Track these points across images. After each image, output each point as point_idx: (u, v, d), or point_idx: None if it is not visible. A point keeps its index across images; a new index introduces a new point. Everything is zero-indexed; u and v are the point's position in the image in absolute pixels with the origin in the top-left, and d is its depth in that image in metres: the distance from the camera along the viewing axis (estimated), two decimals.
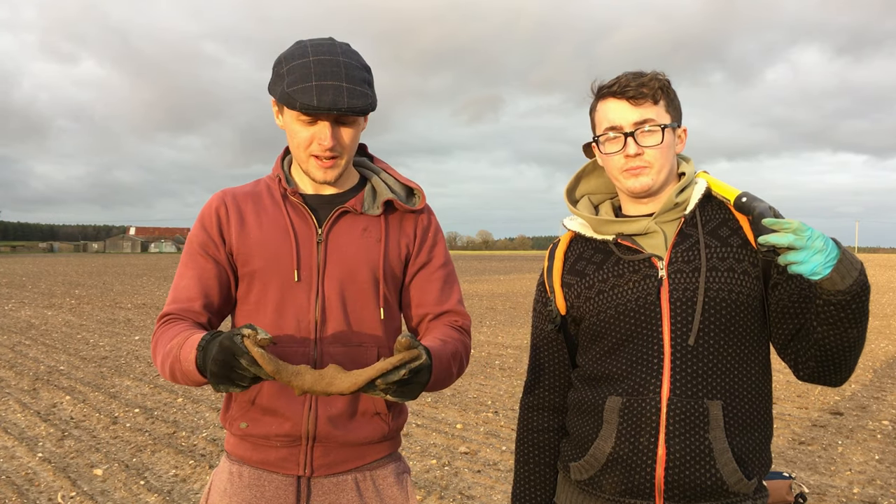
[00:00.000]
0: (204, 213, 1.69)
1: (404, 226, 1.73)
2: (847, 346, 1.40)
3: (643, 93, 1.51)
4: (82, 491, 4.41)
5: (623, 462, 1.48)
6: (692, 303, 1.47)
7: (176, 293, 1.65)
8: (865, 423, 6.18)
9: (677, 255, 1.50)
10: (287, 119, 1.61)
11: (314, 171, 1.62)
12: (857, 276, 1.31)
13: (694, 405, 1.45)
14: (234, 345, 1.28)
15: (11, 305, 16.90)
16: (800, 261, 1.27)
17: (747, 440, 1.48)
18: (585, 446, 1.55)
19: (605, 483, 1.51)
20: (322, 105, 1.50)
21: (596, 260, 1.60)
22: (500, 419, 6.28)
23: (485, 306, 17.54)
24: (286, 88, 1.52)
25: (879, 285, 27.19)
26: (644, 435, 1.46)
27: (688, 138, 1.63)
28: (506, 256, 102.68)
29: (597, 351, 1.57)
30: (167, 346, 1.52)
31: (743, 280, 1.47)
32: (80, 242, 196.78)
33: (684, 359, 1.46)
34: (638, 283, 1.51)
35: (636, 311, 1.50)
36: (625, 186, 1.55)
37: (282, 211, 1.66)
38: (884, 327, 13.45)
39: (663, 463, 1.45)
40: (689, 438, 1.44)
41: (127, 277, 31.10)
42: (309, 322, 1.61)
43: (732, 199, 1.48)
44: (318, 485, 1.64)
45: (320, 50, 1.56)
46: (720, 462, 1.44)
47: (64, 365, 8.80)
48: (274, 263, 1.61)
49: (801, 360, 1.48)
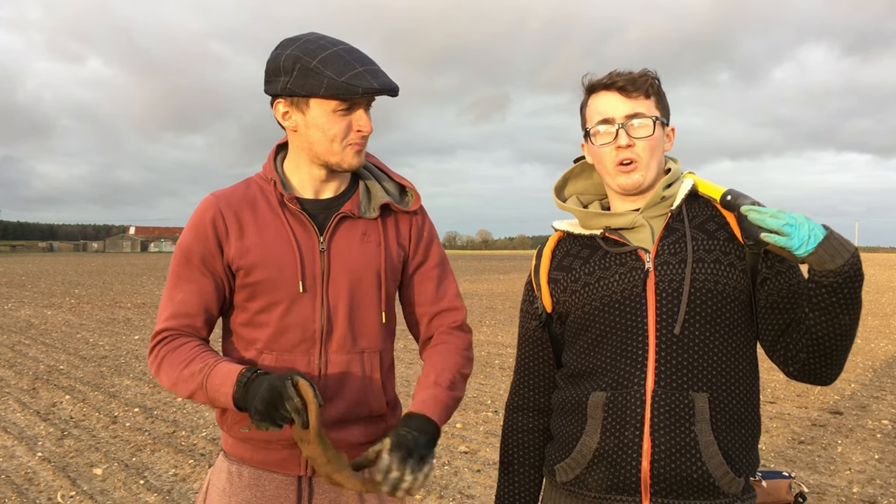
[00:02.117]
0: (197, 222, 1.62)
1: (400, 227, 1.72)
2: (839, 334, 1.40)
3: (635, 86, 1.52)
4: (82, 490, 4.41)
5: (608, 457, 1.47)
6: (678, 293, 1.46)
7: (174, 307, 1.60)
8: (865, 423, 6.18)
9: (664, 247, 1.51)
10: (315, 114, 1.56)
11: (351, 158, 1.60)
12: (848, 257, 1.32)
13: (679, 397, 1.44)
14: (285, 388, 1.37)
15: (11, 305, 16.89)
16: (787, 234, 1.30)
17: (734, 436, 1.47)
18: (570, 445, 1.54)
19: (590, 481, 1.50)
20: (383, 87, 1.54)
21: (583, 255, 1.59)
22: (499, 419, 6.28)
23: (484, 306, 17.53)
24: (338, 78, 1.51)
25: (879, 285, 27.19)
26: (629, 428, 1.45)
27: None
28: (506, 256, 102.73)
29: (581, 345, 1.56)
30: (183, 369, 1.52)
31: (729, 272, 1.48)
32: (79, 242, 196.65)
33: (669, 350, 1.45)
34: (624, 275, 1.51)
35: (621, 302, 1.49)
36: (616, 183, 1.55)
37: (281, 220, 1.62)
38: (884, 327, 13.44)
39: (648, 456, 1.44)
40: (675, 431, 1.43)
41: (127, 277, 31.09)
42: (314, 331, 1.60)
43: (719, 196, 1.51)
44: (319, 484, 1.64)
45: (335, 42, 1.58)
46: (706, 455, 1.43)
47: (63, 364, 8.80)
48: (278, 275, 1.59)
49: (792, 354, 1.47)
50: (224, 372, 1.47)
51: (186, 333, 1.59)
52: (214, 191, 1.68)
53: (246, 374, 1.44)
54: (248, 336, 1.63)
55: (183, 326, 1.59)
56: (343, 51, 1.55)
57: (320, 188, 1.67)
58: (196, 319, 1.60)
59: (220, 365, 1.49)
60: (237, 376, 1.44)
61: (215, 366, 1.49)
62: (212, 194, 1.67)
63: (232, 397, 1.44)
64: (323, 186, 1.67)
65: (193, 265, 1.61)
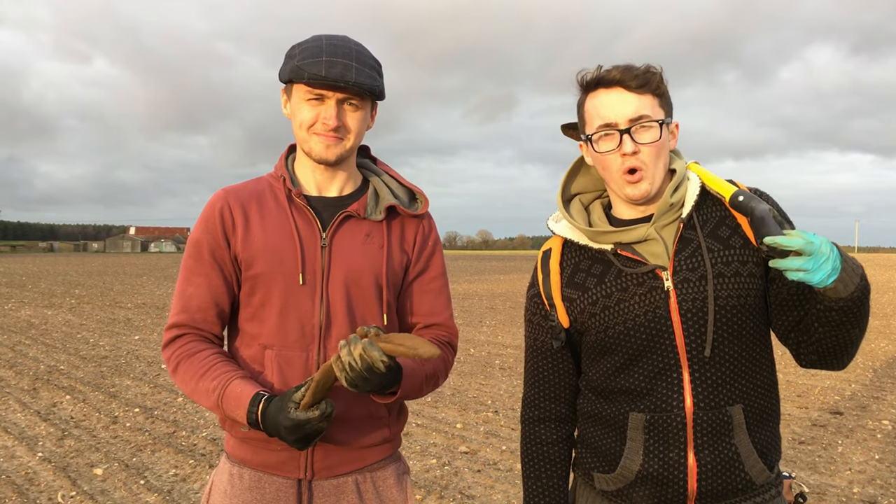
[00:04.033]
0: (207, 215, 1.66)
1: (405, 232, 1.72)
2: (848, 342, 1.40)
3: (638, 82, 1.45)
4: (82, 490, 4.41)
5: (654, 478, 1.47)
6: (703, 312, 1.43)
7: (185, 301, 1.64)
8: (865, 423, 6.18)
9: (681, 262, 1.46)
10: (294, 100, 1.61)
11: (316, 147, 1.61)
12: (858, 281, 1.30)
13: (718, 414, 1.44)
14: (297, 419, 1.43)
15: (11, 305, 16.89)
16: (808, 269, 1.25)
17: (765, 434, 1.49)
18: (612, 461, 1.52)
19: (635, 496, 1.50)
20: (330, 76, 1.52)
21: (595, 272, 1.53)
22: (500, 419, 6.28)
23: (485, 306, 17.53)
24: (296, 63, 1.56)
25: (879, 285, 27.18)
26: (673, 450, 1.45)
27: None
28: (506, 256, 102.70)
29: (607, 366, 1.52)
30: (198, 381, 1.56)
31: (749, 282, 1.45)
32: (80, 242, 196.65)
33: (703, 370, 1.44)
34: (644, 297, 1.46)
35: (646, 325, 1.46)
36: (623, 193, 1.50)
37: (286, 213, 1.64)
38: (884, 327, 13.44)
39: (695, 475, 1.44)
40: (718, 447, 1.44)
41: (127, 277, 31.09)
42: (313, 326, 1.61)
43: (727, 195, 1.44)
44: (319, 487, 1.64)
45: (334, 37, 1.60)
46: (748, 464, 1.45)
47: (64, 364, 8.80)
48: (279, 266, 1.60)
49: (803, 351, 1.48)
50: (236, 395, 1.52)
51: (200, 332, 1.63)
52: (225, 186, 1.73)
53: (253, 410, 1.49)
54: (251, 331, 1.64)
55: (194, 322, 1.63)
56: (329, 44, 1.57)
57: (323, 184, 1.68)
58: (207, 314, 1.63)
59: (231, 384, 1.53)
60: (247, 409, 1.50)
61: (228, 384, 1.53)
62: (222, 189, 1.71)
63: (247, 422, 1.51)
64: (325, 183, 1.68)
65: (204, 258, 1.64)
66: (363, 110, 1.61)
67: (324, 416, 1.43)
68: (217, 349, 1.64)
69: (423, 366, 1.63)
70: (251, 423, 1.49)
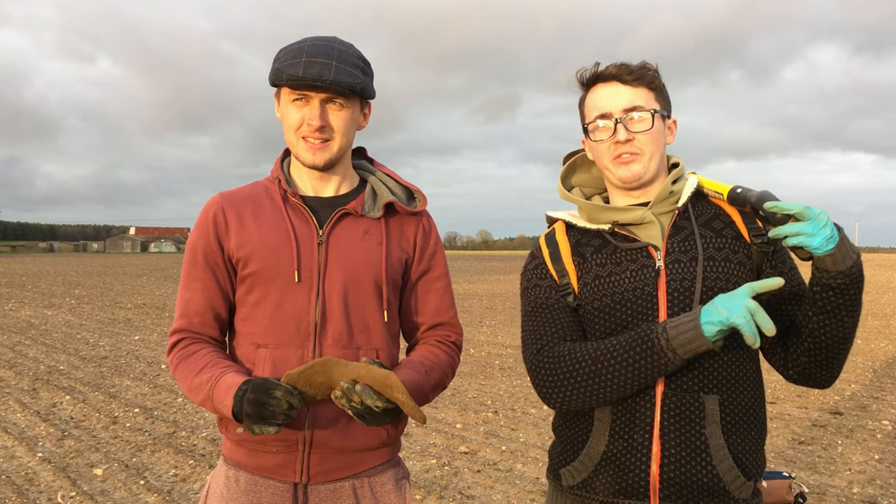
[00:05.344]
0: (201, 220, 1.68)
1: (405, 229, 1.72)
2: (842, 337, 1.40)
3: (633, 76, 1.51)
4: (82, 491, 4.41)
5: (617, 461, 1.45)
6: (690, 292, 1.45)
7: (184, 306, 1.67)
8: (865, 423, 6.18)
9: (674, 244, 1.49)
10: (282, 103, 1.63)
11: (303, 154, 1.62)
12: (855, 258, 1.34)
13: (689, 399, 1.42)
14: (268, 381, 1.43)
15: (11, 305, 16.89)
16: (808, 232, 1.29)
17: (743, 439, 1.46)
18: (577, 447, 1.52)
19: (598, 485, 1.48)
20: (307, 76, 1.53)
21: (594, 244, 1.57)
22: (499, 419, 6.27)
23: (485, 306, 17.53)
24: (277, 65, 1.58)
25: (879, 285, 27.17)
26: (638, 431, 1.43)
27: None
28: (506, 256, 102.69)
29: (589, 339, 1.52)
30: (194, 378, 1.57)
31: (739, 270, 1.47)
32: (80, 242, 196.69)
33: None
34: (635, 273, 1.49)
35: (633, 301, 1.47)
36: (615, 175, 1.53)
37: (282, 212, 1.65)
38: (884, 327, 13.44)
39: (658, 460, 1.42)
40: (685, 434, 1.41)
41: (127, 277, 31.09)
42: (309, 323, 1.60)
43: (725, 192, 1.50)
44: (315, 492, 1.63)
45: (319, 39, 1.60)
46: (716, 458, 1.41)
47: (64, 365, 8.80)
48: (274, 264, 1.61)
49: (792, 357, 1.47)
50: (226, 385, 1.50)
51: (199, 336, 1.65)
52: (221, 191, 1.74)
53: (243, 387, 1.47)
54: (247, 331, 1.64)
55: (192, 326, 1.65)
56: (311, 45, 1.58)
57: (318, 186, 1.69)
58: (204, 318, 1.65)
59: (224, 377, 1.52)
60: (235, 391, 1.47)
61: (220, 377, 1.52)
62: (218, 193, 1.72)
63: (231, 410, 1.47)
64: (320, 184, 1.69)
65: (199, 263, 1.66)
66: (349, 109, 1.61)
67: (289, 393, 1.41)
68: (214, 348, 1.64)
69: (429, 377, 1.63)
70: (236, 403, 1.46)
